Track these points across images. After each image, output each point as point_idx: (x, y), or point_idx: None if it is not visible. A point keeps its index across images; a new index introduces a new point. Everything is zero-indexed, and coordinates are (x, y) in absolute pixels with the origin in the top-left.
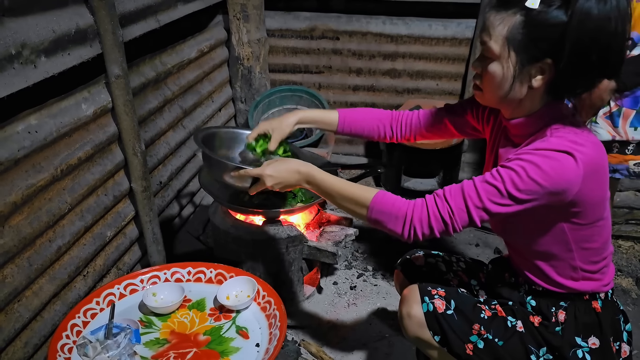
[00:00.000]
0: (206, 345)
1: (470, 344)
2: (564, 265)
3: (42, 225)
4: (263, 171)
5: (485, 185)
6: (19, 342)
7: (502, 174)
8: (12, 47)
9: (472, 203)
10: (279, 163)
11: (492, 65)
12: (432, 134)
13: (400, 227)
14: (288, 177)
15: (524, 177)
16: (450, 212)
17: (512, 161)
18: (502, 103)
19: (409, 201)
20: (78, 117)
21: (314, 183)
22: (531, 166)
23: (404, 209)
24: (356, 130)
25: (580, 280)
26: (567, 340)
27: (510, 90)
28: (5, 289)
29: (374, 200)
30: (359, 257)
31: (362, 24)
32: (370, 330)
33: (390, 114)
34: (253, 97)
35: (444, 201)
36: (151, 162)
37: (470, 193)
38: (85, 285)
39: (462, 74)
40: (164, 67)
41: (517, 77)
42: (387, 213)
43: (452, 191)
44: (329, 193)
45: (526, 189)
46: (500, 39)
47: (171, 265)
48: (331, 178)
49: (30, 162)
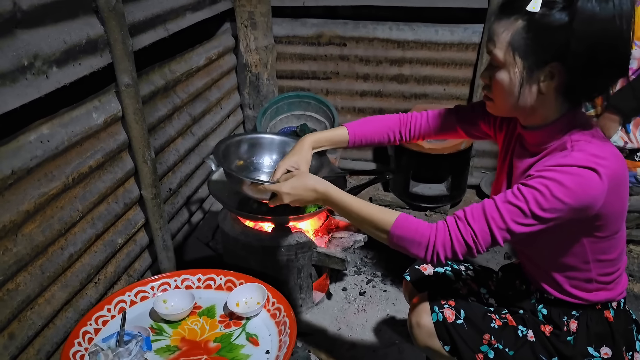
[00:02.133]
0: (217, 352)
1: (480, 354)
2: (579, 277)
3: (54, 233)
4: (280, 188)
5: (507, 205)
6: (31, 349)
7: (524, 193)
8: (24, 58)
9: (495, 225)
10: (296, 180)
11: (500, 74)
12: (440, 135)
13: (423, 252)
14: (305, 195)
15: (547, 196)
16: (473, 235)
17: (534, 179)
18: (514, 111)
19: (431, 225)
20: (89, 126)
21: (331, 202)
22: (555, 184)
23: (427, 234)
24: (367, 142)
25: (594, 291)
26: (579, 350)
27: (520, 97)
28: (19, 297)
29: (395, 225)
30: (368, 263)
31: (368, 30)
32: (380, 336)
33: (398, 118)
34: (261, 103)
35: (466, 224)
36: (161, 169)
37: (492, 214)
38: (97, 293)
39: (470, 79)
40: (173, 75)
41: (526, 83)
42: (410, 239)
43: (474, 213)
44: (347, 213)
45: (550, 208)
46: (504, 45)
47: (181, 272)
48: (349, 198)
49: (43, 171)
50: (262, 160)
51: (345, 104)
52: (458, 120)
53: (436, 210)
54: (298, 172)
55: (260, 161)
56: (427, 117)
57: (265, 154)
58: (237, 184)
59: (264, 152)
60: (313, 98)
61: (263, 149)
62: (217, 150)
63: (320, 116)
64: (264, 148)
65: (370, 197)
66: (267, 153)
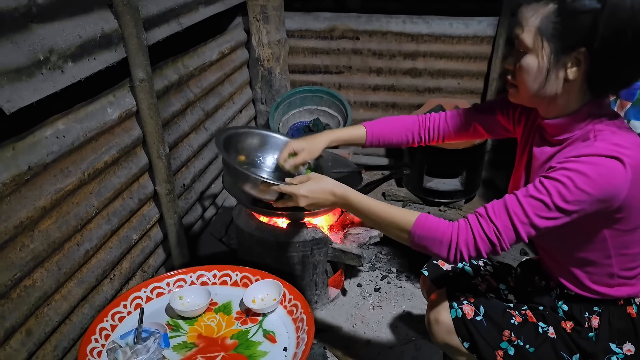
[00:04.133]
0: (234, 349)
1: (500, 351)
2: (600, 272)
3: (70, 229)
4: (297, 191)
5: (530, 199)
6: (48, 345)
7: (547, 186)
8: (40, 53)
9: (518, 220)
10: (313, 183)
11: (526, 58)
12: (460, 135)
13: (446, 251)
14: (323, 198)
15: (571, 188)
16: (496, 231)
17: (556, 171)
18: (536, 99)
19: (452, 223)
20: (104, 121)
21: (350, 205)
22: (578, 175)
23: (449, 233)
24: (384, 142)
25: (615, 286)
26: (601, 347)
27: (546, 83)
28: (36, 293)
29: (416, 224)
30: (383, 259)
31: (382, 23)
32: (396, 333)
33: (416, 120)
34: (273, 98)
35: (488, 221)
36: (174, 164)
37: (515, 209)
38: (112, 289)
39: (484, 73)
40: (186, 70)
41: (552, 69)
42: (431, 238)
43: (496, 209)
44: (367, 215)
45: (574, 200)
46: (533, 29)
47: (197, 268)
48: (368, 200)
49: (59, 167)
50: (265, 157)
51: (358, 98)
52: (476, 117)
53: (450, 206)
54: (314, 175)
55: (262, 158)
56: (446, 117)
57: (269, 151)
58: (242, 181)
59: (268, 149)
60: (326, 92)
61: (266, 146)
62: (217, 139)
63: (333, 111)
64: (268, 146)
65: (384, 192)
66: (271, 151)
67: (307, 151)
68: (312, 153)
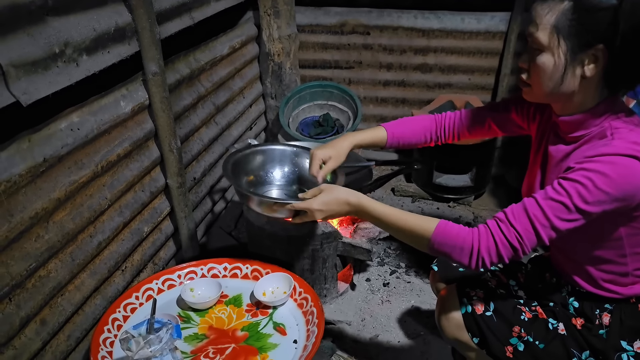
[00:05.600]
0: (244, 341)
1: (510, 347)
2: (614, 270)
3: (83, 221)
4: (310, 205)
5: (549, 202)
6: (62, 335)
7: (566, 187)
8: (55, 46)
9: (539, 223)
10: (326, 195)
11: (542, 57)
12: (475, 134)
13: (467, 259)
14: (338, 209)
15: (591, 189)
16: (517, 236)
17: (575, 172)
18: (552, 97)
19: (473, 230)
20: (117, 114)
21: (366, 213)
22: (598, 175)
23: (469, 240)
24: (404, 143)
25: (629, 285)
26: (612, 344)
27: (563, 81)
28: (50, 284)
29: (436, 232)
30: (392, 254)
31: (393, 18)
32: (405, 327)
33: (433, 120)
34: (283, 93)
35: (508, 225)
36: (185, 158)
37: (535, 212)
38: (124, 280)
39: (496, 68)
40: (198, 64)
41: (569, 66)
42: (451, 245)
43: (515, 213)
44: (383, 223)
45: (595, 201)
46: (548, 27)
47: (208, 260)
48: (384, 208)
49: (73, 159)
50: (273, 172)
51: (368, 93)
52: (490, 115)
53: (460, 202)
54: (325, 186)
55: (271, 174)
56: (460, 116)
57: (276, 165)
58: (255, 204)
59: (275, 163)
60: (336, 87)
61: (274, 161)
62: (226, 167)
63: (343, 106)
64: (275, 160)
65: (393, 187)
66: (279, 165)
67: (334, 158)
68: (339, 158)
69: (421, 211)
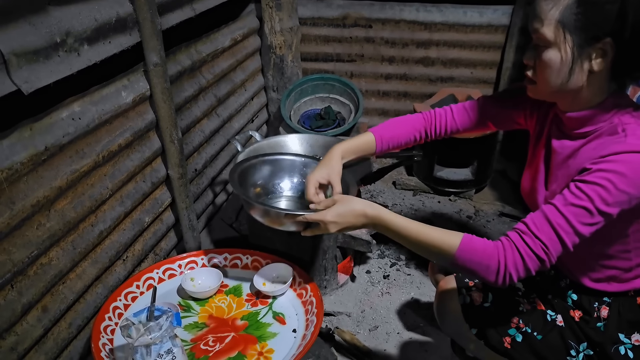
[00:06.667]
0: (244, 330)
1: (508, 337)
2: (617, 265)
3: (85, 210)
4: (324, 217)
5: (571, 208)
6: (63, 322)
7: (586, 191)
8: (57, 36)
9: (563, 231)
10: (341, 206)
11: (547, 53)
12: (468, 130)
13: (494, 276)
14: (354, 221)
15: (611, 190)
16: (543, 247)
17: (592, 173)
18: (559, 94)
19: (497, 244)
20: (118, 104)
21: (384, 226)
22: (616, 176)
23: (495, 256)
24: (394, 145)
25: (630, 280)
26: (610, 336)
27: (570, 77)
28: (51, 271)
29: (460, 248)
30: (392, 247)
31: (395, 11)
32: (405, 319)
33: (422, 118)
34: (285, 85)
35: (533, 237)
36: (186, 149)
37: (558, 221)
38: (125, 270)
39: (498, 62)
40: (199, 56)
41: (577, 62)
42: (477, 262)
43: (537, 223)
44: (403, 237)
45: (615, 202)
46: (553, 23)
47: (208, 251)
48: (405, 221)
49: (74, 148)
50: (282, 183)
51: (369, 87)
52: (485, 110)
53: (461, 195)
54: (340, 197)
55: (279, 185)
56: (452, 112)
57: (285, 176)
58: (264, 216)
59: (284, 174)
60: (338, 80)
61: (283, 171)
62: (232, 176)
63: (344, 99)
64: (284, 170)
65: (394, 181)
66: (288, 176)
67: (331, 175)
68: (338, 171)
69: (422, 204)
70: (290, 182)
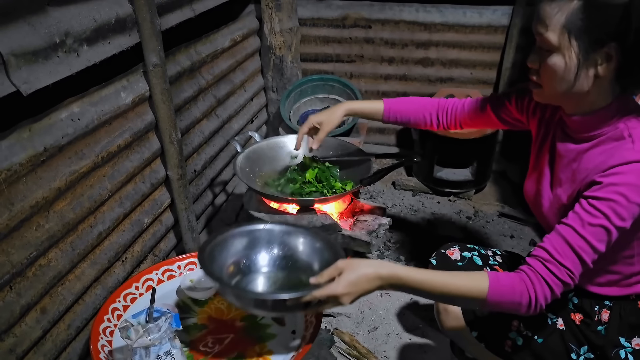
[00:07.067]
0: (243, 331)
1: (508, 341)
2: (620, 271)
3: (84, 211)
4: (336, 290)
5: (589, 228)
6: (62, 324)
7: (601, 208)
8: (56, 36)
9: (584, 253)
10: (350, 273)
11: (552, 58)
12: (475, 122)
13: (526, 309)
14: (368, 287)
15: (624, 204)
16: (569, 273)
17: (603, 189)
18: (564, 98)
19: (522, 278)
20: (117, 105)
21: (402, 284)
22: (628, 188)
23: (525, 292)
24: (402, 119)
25: (633, 285)
26: (610, 340)
27: (576, 82)
28: (50, 273)
29: (490, 292)
30: (392, 247)
31: (395, 12)
32: (404, 320)
33: (437, 102)
34: (285, 86)
35: (558, 265)
36: (186, 150)
37: (579, 244)
38: (124, 271)
39: (497, 63)
40: (199, 56)
41: (582, 66)
42: (509, 302)
43: (559, 249)
44: (426, 291)
45: (630, 214)
46: (558, 27)
47: None
48: (424, 275)
49: (73, 149)
50: (258, 257)
51: (369, 87)
52: (490, 102)
53: (460, 196)
54: (344, 264)
55: (256, 259)
56: (464, 103)
57: (259, 249)
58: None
59: (258, 247)
60: (337, 81)
61: (256, 244)
62: (201, 256)
63: (344, 99)
64: (257, 242)
65: (394, 181)
66: (262, 248)
67: (326, 122)
68: (331, 123)
69: (421, 205)
70: (266, 254)
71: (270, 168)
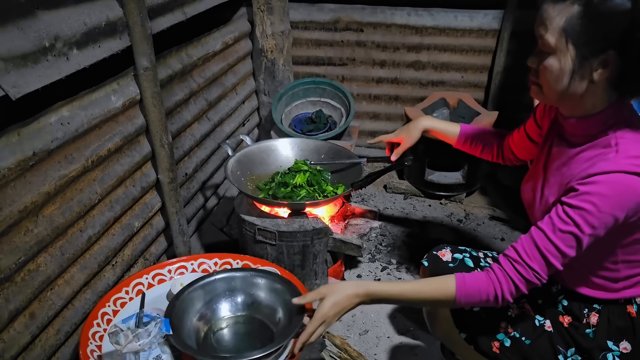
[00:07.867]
0: None
1: (497, 342)
2: (605, 276)
3: (73, 215)
4: (325, 317)
5: (559, 234)
6: (51, 329)
7: (572, 216)
8: (45, 40)
9: (552, 256)
10: (334, 296)
11: (549, 60)
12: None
13: (494, 304)
14: (349, 305)
15: (595, 213)
16: (535, 274)
17: (577, 197)
18: (561, 99)
19: (490, 276)
20: (108, 109)
21: (379, 299)
22: (600, 198)
23: (492, 290)
24: (474, 145)
25: (620, 290)
26: (598, 343)
27: (570, 86)
28: (39, 277)
29: (458, 294)
30: (383, 250)
31: (386, 15)
32: (395, 323)
33: (503, 134)
34: (276, 89)
35: (525, 266)
36: (177, 154)
37: (547, 247)
38: (114, 275)
39: (489, 66)
40: (190, 60)
41: (577, 71)
42: (477, 300)
43: (529, 251)
44: (401, 301)
45: (600, 224)
46: (557, 31)
47: (198, 256)
48: (395, 287)
49: (63, 153)
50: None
51: (361, 90)
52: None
53: (451, 199)
54: (325, 290)
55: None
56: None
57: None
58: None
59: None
60: (329, 84)
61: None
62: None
63: (336, 102)
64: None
65: (385, 184)
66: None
67: (407, 138)
68: (411, 139)
69: (413, 208)
70: (229, 303)
71: (261, 171)
